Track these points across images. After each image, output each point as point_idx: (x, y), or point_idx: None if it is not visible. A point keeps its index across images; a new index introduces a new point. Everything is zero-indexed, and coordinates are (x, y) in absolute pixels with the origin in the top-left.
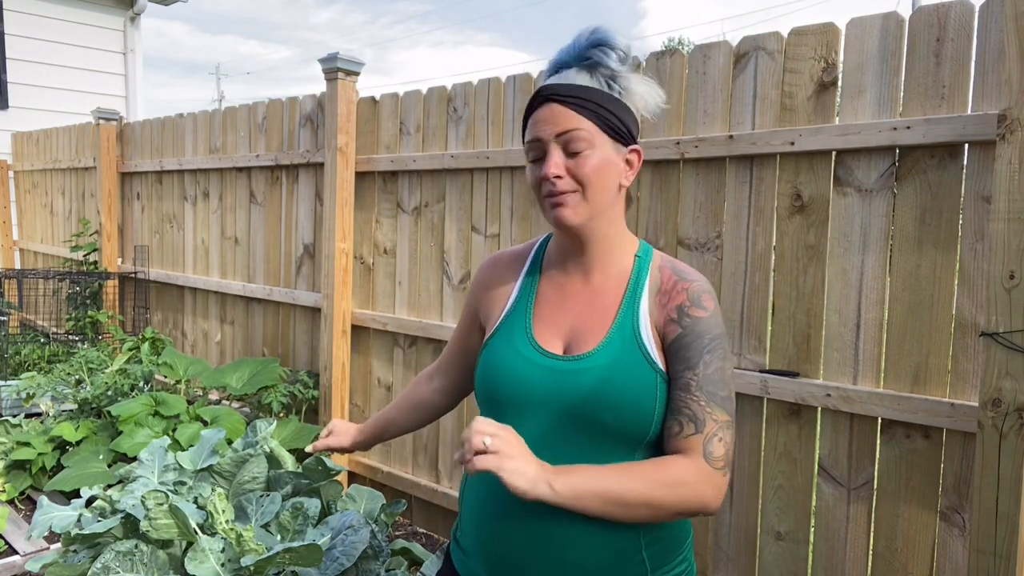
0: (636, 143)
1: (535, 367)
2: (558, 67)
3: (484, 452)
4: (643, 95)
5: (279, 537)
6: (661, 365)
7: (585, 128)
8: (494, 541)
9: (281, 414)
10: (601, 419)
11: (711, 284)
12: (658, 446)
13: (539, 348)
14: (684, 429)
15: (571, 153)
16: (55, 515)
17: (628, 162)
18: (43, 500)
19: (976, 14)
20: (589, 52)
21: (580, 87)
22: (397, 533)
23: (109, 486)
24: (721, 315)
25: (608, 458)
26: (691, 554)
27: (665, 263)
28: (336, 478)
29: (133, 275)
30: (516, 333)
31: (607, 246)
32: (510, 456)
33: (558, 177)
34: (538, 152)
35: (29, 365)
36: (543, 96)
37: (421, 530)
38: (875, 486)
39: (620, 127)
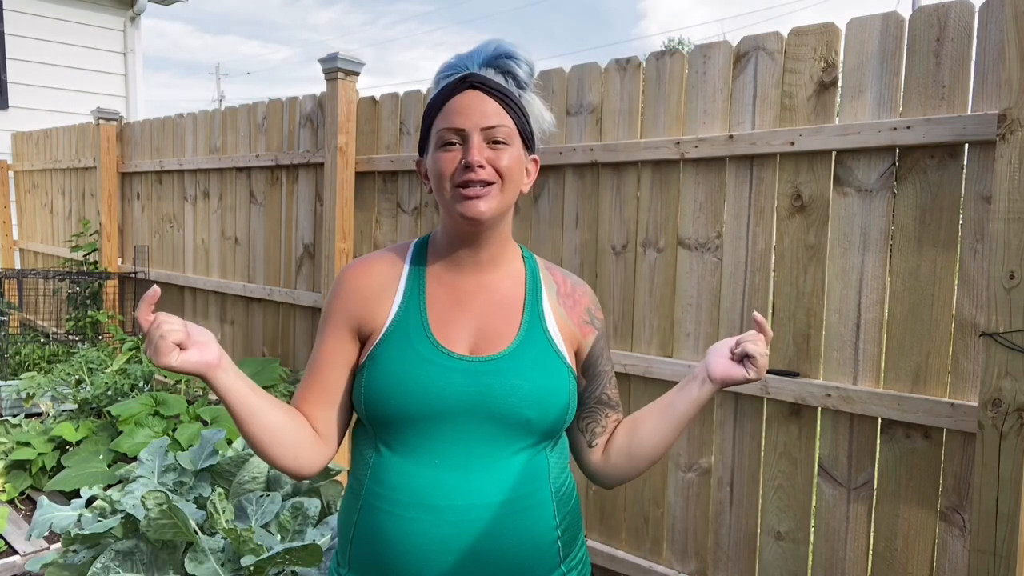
0: (535, 154)
1: (445, 370)
2: (458, 70)
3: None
4: (541, 113)
5: (279, 537)
6: (571, 361)
7: (507, 125)
8: (405, 567)
9: None
10: (524, 416)
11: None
12: (561, 444)
13: (445, 350)
14: (619, 414)
15: (491, 146)
16: (55, 515)
17: (527, 169)
18: (43, 500)
19: (976, 14)
20: (499, 61)
21: (503, 85)
22: None
23: (109, 486)
24: None
25: (524, 453)
26: (584, 538)
27: (549, 265)
28: (336, 478)
29: (133, 275)
30: (414, 336)
31: (501, 246)
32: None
33: (481, 166)
34: (455, 139)
35: (29, 365)
36: (469, 83)
37: None
38: (875, 486)
39: (530, 132)
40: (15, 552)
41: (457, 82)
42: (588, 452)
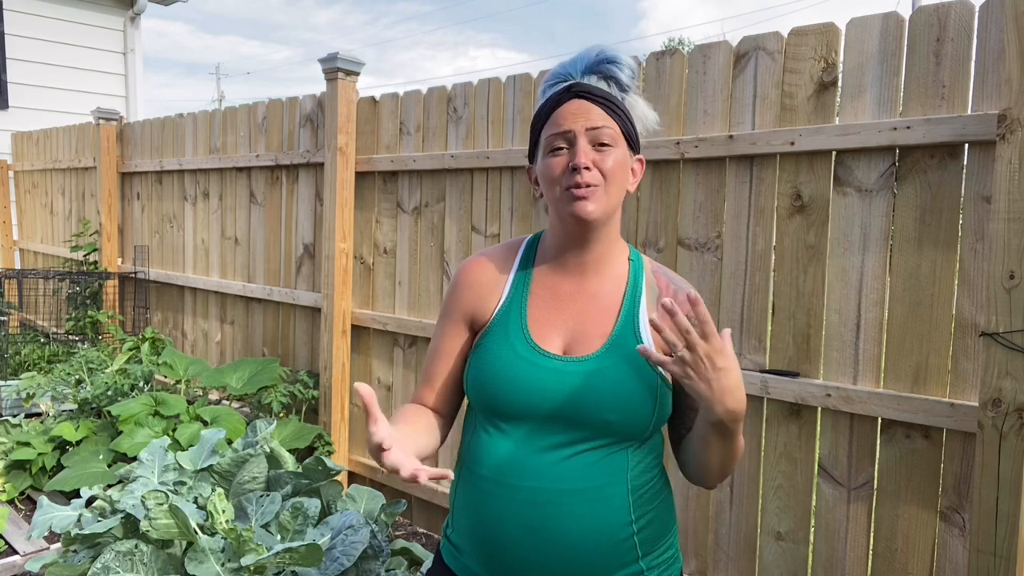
0: (640, 154)
1: (535, 368)
2: (563, 78)
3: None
4: (644, 113)
5: (279, 537)
6: (662, 368)
7: (612, 127)
8: (490, 538)
9: (281, 414)
10: (604, 418)
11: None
12: (648, 445)
13: (538, 348)
14: None
15: (597, 148)
16: (55, 515)
17: (632, 170)
18: (43, 500)
19: (976, 14)
20: (602, 67)
21: (606, 91)
22: (397, 533)
23: (109, 486)
24: None
25: (601, 450)
26: (677, 541)
27: (657, 269)
28: (336, 478)
29: (133, 275)
30: (512, 332)
31: (607, 247)
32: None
33: (587, 168)
34: (563, 144)
35: (29, 365)
36: (573, 92)
37: (421, 530)
38: (875, 486)
39: (634, 134)
40: (15, 552)
41: (562, 92)
42: (675, 449)
